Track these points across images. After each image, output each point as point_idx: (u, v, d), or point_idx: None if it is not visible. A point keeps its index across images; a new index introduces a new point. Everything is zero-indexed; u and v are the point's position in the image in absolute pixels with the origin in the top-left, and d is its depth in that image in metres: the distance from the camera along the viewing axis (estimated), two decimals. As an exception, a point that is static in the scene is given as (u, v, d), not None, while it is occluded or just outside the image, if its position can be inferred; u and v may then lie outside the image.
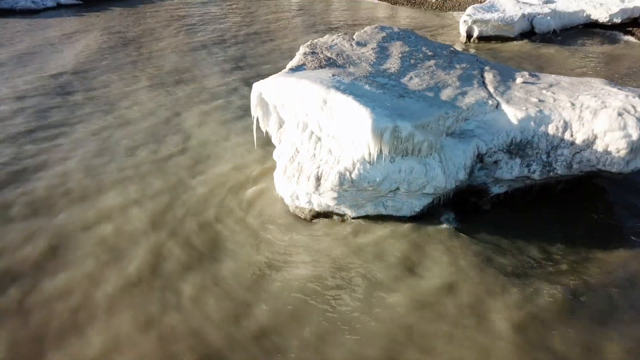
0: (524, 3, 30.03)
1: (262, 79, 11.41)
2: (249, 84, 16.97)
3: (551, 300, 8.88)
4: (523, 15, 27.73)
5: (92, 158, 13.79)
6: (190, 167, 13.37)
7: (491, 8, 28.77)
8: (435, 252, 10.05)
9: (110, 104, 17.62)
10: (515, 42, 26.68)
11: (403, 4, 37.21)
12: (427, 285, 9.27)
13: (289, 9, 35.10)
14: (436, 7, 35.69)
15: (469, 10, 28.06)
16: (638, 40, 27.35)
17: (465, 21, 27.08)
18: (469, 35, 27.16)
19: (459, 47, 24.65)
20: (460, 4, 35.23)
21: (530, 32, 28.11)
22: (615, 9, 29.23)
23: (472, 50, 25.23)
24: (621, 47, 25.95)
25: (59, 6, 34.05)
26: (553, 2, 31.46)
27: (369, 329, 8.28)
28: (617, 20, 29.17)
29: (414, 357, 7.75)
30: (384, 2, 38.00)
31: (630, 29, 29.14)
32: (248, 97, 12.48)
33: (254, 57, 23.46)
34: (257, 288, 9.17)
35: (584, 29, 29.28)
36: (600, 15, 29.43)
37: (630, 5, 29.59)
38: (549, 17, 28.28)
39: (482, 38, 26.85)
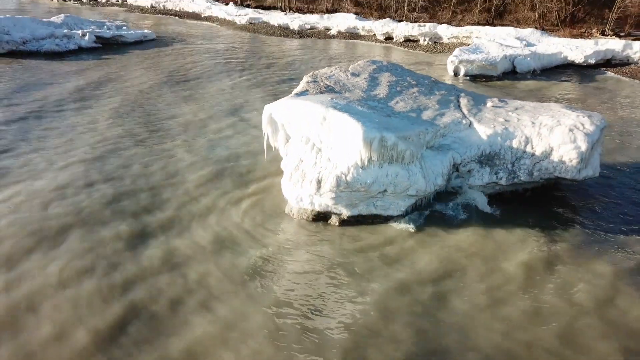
0: (506, 46, 32.93)
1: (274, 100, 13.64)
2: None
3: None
4: (505, 57, 30.46)
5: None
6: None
7: (476, 50, 31.58)
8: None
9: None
10: (498, 80, 29.25)
11: (397, 47, 40.26)
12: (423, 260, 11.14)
13: (292, 47, 37.97)
14: (427, 50, 38.66)
15: (456, 51, 30.85)
16: (613, 74, 29.97)
17: (452, 61, 29.79)
18: (456, 74, 29.76)
19: (446, 84, 27.10)
20: (449, 47, 38.19)
21: (512, 72, 30.78)
22: (589, 51, 32.08)
23: (460, 86, 27.71)
24: (593, 85, 28.48)
25: (80, 49, 37.01)
26: (533, 45, 34.42)
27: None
28: (592, 61, 31.96)
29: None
30: (380, 44, 41.08)
31: (604, 69, 31.91)
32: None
33: (271, 72, 25.91)
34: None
35: (562, 69, 31.99)
36: (576, 56, 32.25)
37: (603, 48, 32.48)
38: (529, 58, 31.03)
39: (468, 76, 29.44)
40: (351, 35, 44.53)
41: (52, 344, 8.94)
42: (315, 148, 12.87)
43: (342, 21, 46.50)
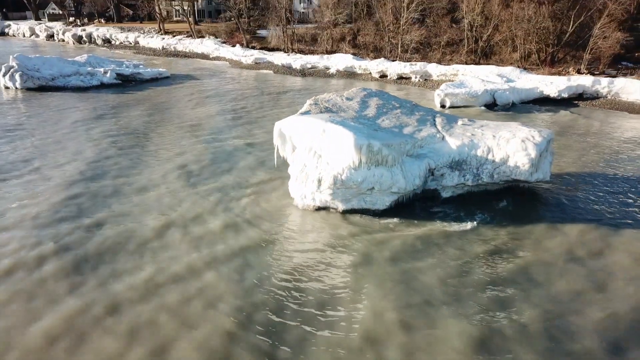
0: (488, 82, 36.58)
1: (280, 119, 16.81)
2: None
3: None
4: (486, 90, 34.01)
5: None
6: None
7: (461, 85, 35.19)
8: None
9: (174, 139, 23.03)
10: (480, 111, 32.63)
11: (391, 83, 44.02)
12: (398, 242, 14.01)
13: (294, 83, 41.65)
14: (418, 86, 42.38)
15: (442, 86, 34.45)
16: (583, 107, 33.38)
17: (438, 94, 33.33)
18: (442, 105, 33.20)
19: (432, 114, 30.47)
20: (438, 84, 41.84)
21: (493, 104, 34.23)
22: (562, 86, 35.67)
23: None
24: (563, 115, 31.85)
25: (102, 85, 40.72)
26: (513, 81, 38.10)
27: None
28: (565, 95, 35.49)
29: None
30: (375, 81, 44.86)
31: (576, 102, 35.40)
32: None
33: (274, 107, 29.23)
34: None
35: (539, 102, 35.44)
36: (551, 91, 35.81)
37: (575, 83, 36.10)
38: (507, 92, 34.58)
39: (453, 107, 32.84)
40: (349, 73, 48.46)
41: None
42: (316, 155, 15.93)
43: (341, 61, 50.57)
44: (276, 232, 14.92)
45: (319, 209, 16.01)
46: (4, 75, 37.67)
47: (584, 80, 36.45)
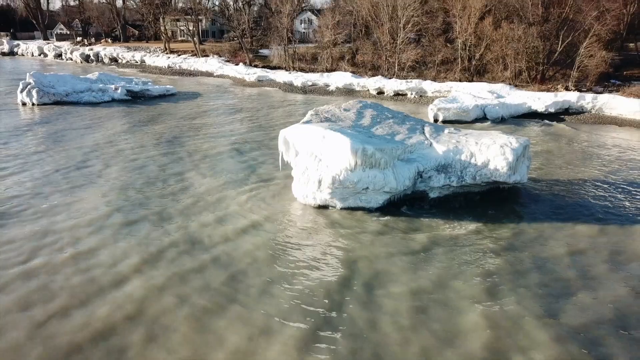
0: (479, 97, 38.70)
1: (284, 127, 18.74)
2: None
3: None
4: (477, 106, 36.09)
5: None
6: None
7: (453, 100, 37.29)
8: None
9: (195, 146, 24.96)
10: (470, 124, 34.64)
11: (388, 100, 46.17)
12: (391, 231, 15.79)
13: (296, 100, 43.79)
14: (414, 102, 44.51)
15: (436, 101, 36.54)
16: (568, 121, 35.37)
17: (432, 109, 35.39)
18: (435, 119, 35.18)
19: (426, 127, 32.49)
20: (432, 100, 43.94)
21: (483, 118, 36.27)
22: (549, 102, 37.76)
23: (437, 130, 33.08)
24: (549, 128, 33.84)
25: (113, 100, 42.85)
26: (503, 97, 40.20)
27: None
28: (552, 110, 37.54)
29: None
30: (372, 98, 47.00)
31: (562, 116, 37.44)
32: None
33: (279, 118, 31.20)
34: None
35: (527, 117, 37.45)
36: (539, 106, 37.88)
37: (561, 99, 38.21)
38: (497, 107, 36.64)
39: (445, 121, 34.84)
40: (347, 90, 50.68)
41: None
42: (317, 158, 17.81)
43: (340, 78, 52.85)
44: (281, 227, 16.71)
45: (319, 207, 17.84)
46: (21, 92, 39.81)
47: (570, 96, 38.59)
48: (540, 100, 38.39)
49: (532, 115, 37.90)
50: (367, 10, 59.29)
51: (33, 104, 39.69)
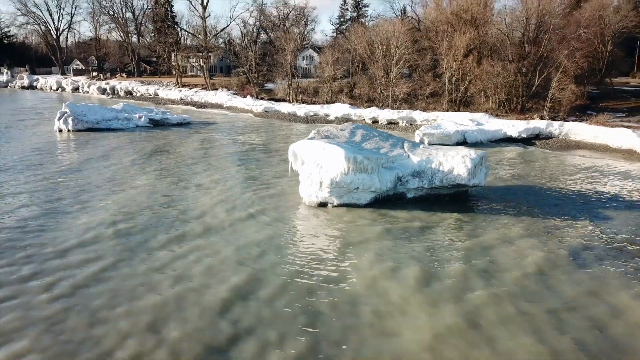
0: (460, 124, 44.09)
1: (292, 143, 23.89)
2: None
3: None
4: (457, 131, 41.42)
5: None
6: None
7: (437, 127, 42.67)
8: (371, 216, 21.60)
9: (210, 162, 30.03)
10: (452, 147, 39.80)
11: (381, 128, 51.59)
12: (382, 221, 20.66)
13: (299, 128, 49.19)
14: (404, 130, 49.93)
15: (422, 128, 41.93)
16: (538, 144, 40.57)
17: (418, 134, 40.73)
18: (421, 142, 40.42)
19: (412, 149, 37.71)
20: (420, 127, 49.37)
21: (464, 142, 41.49)
22: (522, 128, 43.12)
23: (422, 151, 38.28)
24: (520, 150, 39.06)
25: (137, 127, 48.31)
26: (482, 125, 45.61)
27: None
28: (524, 135, 42.86)
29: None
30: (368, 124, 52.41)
31: (533, 141, 42.70)
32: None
33: (285, 141, 36.40)
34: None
35: (503, 141, 42.72)
36: (513, 132, 43.22)
37: (532, 126, 43.58)
38: (476, 133, 41.96)
39: (430, 144, 40.03)
40: (345, 119, 56.18)
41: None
42: (318, 165, 22.88)
43: (339, 109, 58.51)
44: (292, 218, 21.63)
45: (320, 204, 22.80)
46: (59, 119, 45.32)
47: (540, 124, 43.99)
48: (514, 127, 43.77)
49: (508, 140, 43.23)
50: (364, 49, 65.50)
51: (69, 130, 45.11)
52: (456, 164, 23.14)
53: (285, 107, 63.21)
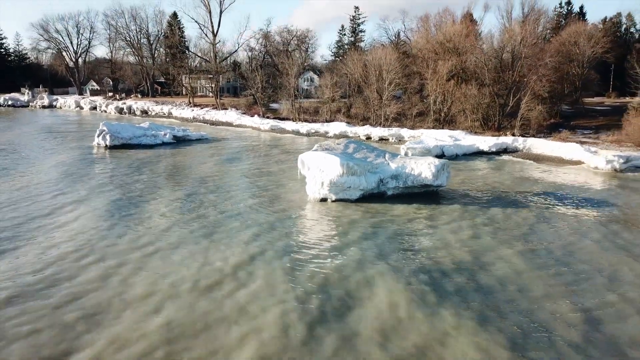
0: (440, 140, 51.88)
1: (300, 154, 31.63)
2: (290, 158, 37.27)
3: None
4: (437, 146, 49.16)
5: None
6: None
7: (419, 142, 50.45)
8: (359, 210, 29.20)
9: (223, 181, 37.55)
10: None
11: (374, 143, 59.30)
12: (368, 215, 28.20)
13: (302, 143, 56.87)
14: (393, 144, 57.71)
15: (407, 143, 49.74)
16: (505, 157, 48.20)
17: (403, 148, 48.47)
18: (406, 154, 48.07)
19: (398, 160, 45.39)
20: (405, 143, 57.11)
21: (442, 155, 49.11)
22: (492, 143, 50.90)
23: (406, 162, 45.95)
24: (490, 161, 46.76)
25: (163, 143, 56.03)
26: (459, 140, 53.38)
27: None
28: (494, 149, 50.61)
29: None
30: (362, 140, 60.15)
31: (502, 154, 50.40)
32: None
33: (291, 154, 44.00)
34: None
35: (475, 154, 50.41)
36: (484, 146, 50.98)
37: (500, 141, 51.38)
38: (452, 147, 49.71)
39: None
40: (342, 136, 63.99)
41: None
42: (320, 170, 30.50)
43: (337, 127, 66.41)
44: (300, 210, 29.17)
45: (321, 200, 30.40)
46: (98, 136, 53.09)
47: (507, 140, 51.81)
48: (485, 142, 51.56)
49: (480, 153, 50.94)
50: (359, 73, 73.71)
51: (106, 146, 52.81)
52: (424, 169, 30.81)
53: (289, 125, 71.11)
